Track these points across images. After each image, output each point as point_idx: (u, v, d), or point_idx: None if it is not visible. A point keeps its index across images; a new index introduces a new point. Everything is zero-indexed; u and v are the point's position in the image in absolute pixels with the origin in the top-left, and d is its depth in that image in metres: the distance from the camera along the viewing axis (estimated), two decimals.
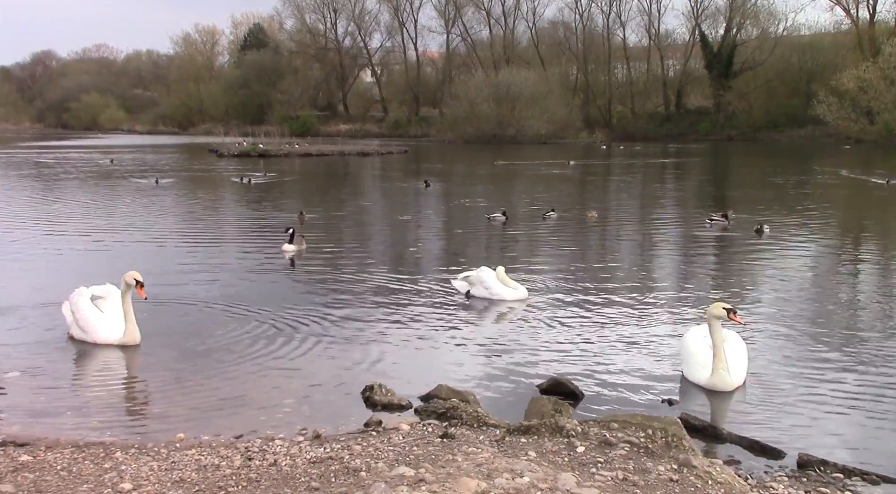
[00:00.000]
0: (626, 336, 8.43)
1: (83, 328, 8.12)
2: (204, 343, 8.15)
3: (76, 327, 8.20)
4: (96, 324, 8.11)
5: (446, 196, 25.02)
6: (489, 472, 4.13)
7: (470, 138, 64.39)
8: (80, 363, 7.60)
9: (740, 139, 64.90)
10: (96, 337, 8.06)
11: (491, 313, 9.42)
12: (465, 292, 10.04)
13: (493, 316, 9.30)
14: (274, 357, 7.87)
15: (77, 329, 8.20)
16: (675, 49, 77.73)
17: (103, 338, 8.05)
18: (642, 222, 18.25)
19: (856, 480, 4.86)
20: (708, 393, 6.64)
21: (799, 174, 31.30)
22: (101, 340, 8.04)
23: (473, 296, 9.99)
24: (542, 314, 9.36)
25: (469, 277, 10.14)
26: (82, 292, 8.35)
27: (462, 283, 10.16)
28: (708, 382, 6.72)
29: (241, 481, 4.49)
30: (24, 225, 17.47)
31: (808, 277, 11.95)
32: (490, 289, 9.87)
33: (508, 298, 9.87)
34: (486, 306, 9.72)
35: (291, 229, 13.89)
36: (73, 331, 8.25)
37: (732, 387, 6.68)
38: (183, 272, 11.86)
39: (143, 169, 35.18)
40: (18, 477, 4.64)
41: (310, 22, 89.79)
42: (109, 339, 8.04)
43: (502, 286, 9.91)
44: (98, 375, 7.29)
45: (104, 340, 8.04)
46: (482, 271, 10.03)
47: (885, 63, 54.47)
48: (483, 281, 9.91)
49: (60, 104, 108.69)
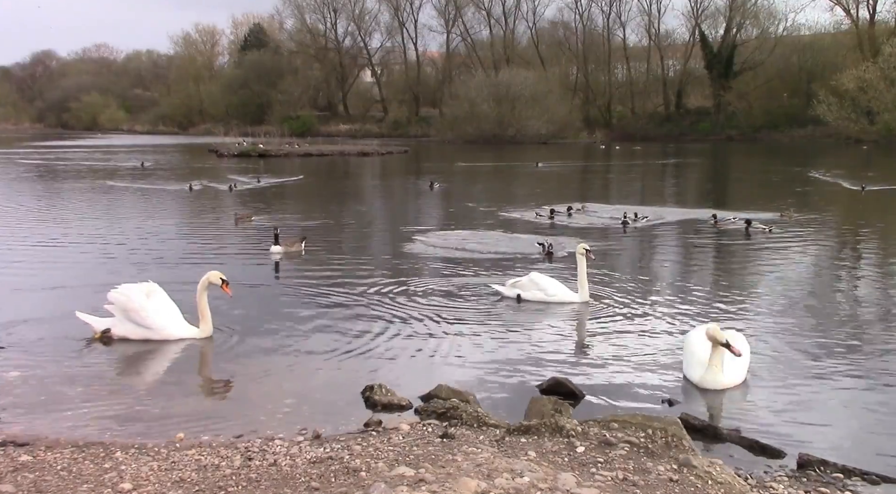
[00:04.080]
0: (626, 336, 8.44)
1: (148, 324, 8.14)
2: (204, 345, 8.16)
3: (128, 323, 8.17)
4: (166, 320, 8.22)
5: (451, 196, 25.10)
6: (489, 472, 4.14)
7: (470, 138, 64.39)
8: (80, 363, 7.57)
9: (740, 139, 64.90)
10: (166, 333, 8.16)
11: (490, 313, 9.41)
12: (516, 297, 9.78)
13: (493, 316, 9.28)
14: (274, 357, 7.88)
15: (130, 326, 8.17)
16: (675, 49, 77.74)
17: (176, 333, 8.18)
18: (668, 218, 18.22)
19: (856, 480, 4.86)
20: (708, 393, 6.64)
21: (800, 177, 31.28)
22: (173, 335, 8.16)
23: (525, 300, 9.73)
24: (541, 314, 9.37)
25: (519, 282, 9.87)
26: (138, 289, 8.33)
27: (511, 289, 9.88)
28: (699, 380, 6.76)
29: (241, 481, 4.49)
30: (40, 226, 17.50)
31: (808, 277, 11.96)
32: (546, 290, 9.68)
33: (567, 300, 9.67)
34: (489, 306, 9.71)
35: (276, 230, 13.76)
36: (122, 329, 8.20)
37: (723, 386, 6.68)
38: (181, 274, 11.87)
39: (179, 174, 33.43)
40: (18, 477, 4.64)
41: (310, 22, 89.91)
42: (183, 334, 8.19)
43: (560, 288, 9.71)
44: (98, 375, 7.26)
45: (177, 335, 8.17)
46: (535, 275, 9.85)
47: (885, 63, 54.49)
48: (538, 284, 9.71)
49: (60, 104, 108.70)
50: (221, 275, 8.41)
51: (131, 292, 8.25)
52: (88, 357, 7.73)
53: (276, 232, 13.67)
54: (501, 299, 9.91)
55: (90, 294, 10.43)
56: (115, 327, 8.25)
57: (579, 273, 9.75)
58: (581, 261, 9.75)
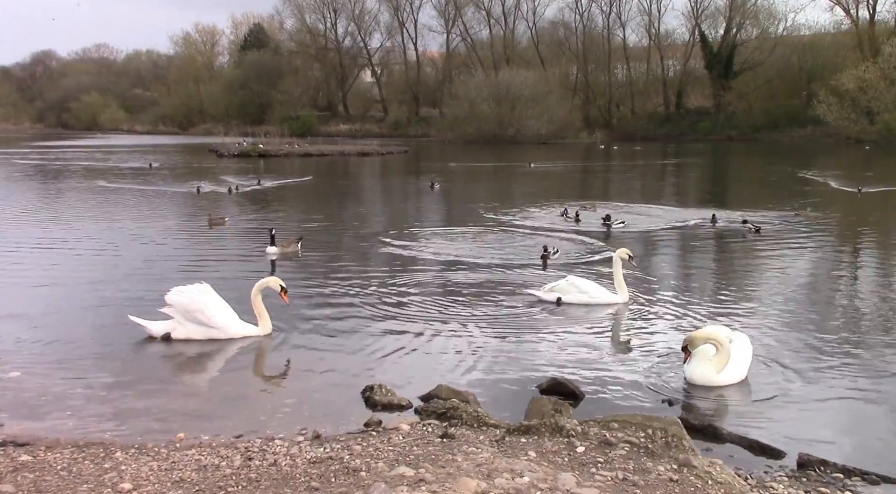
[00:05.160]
0: (626, 336, 8.44)
1: (213, 324, 8.23)
2: (203, 344, 8.16)
3: (190, 324, 8.23)
4: (231, 320, 8.34)
5: (455, 197, 25.06)
6: (489, 472, 4.14)
7: (470, 138, 64.35)
8: (79, 364, 7.57)
9: (740, 139, 64.87)
10: (231, 332, 8.29)
11: (490, 313, 9.40)
12: (556, 300, 9.71)
13: (492, 316, 9.28)
14: (274, 357, 7.89)
15: (193, 327, 8.23)
16: (675, 49, 77.65)
17: (240, 332, 8.32)
18: (639, 221, 18.21)
19: (856, 480, 4.86)
20: (708, 393, 6.64)
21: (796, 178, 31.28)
22: (237, 334, 8.30)
23: (565, 303, 9.66)
24: (541, 313, 9.37)
25: (557, 286, 9.79)
26: (203, 290, 8.39)
27: (549, 293, 9.79)
28: (689, 375, 6.79)
29: (241, 481, 4.49)
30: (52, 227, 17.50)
31: (807, 277, 11.96)
32: (589, 293, 9.65)
33: (609, 301, 9.65)
34: (489, 306, 9.71)
35: (272, 231, 13.69)
36: (183, 330, 8.24)
37: (712, 384, 6.69)
38: (179, 274, 11.87)
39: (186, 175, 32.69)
40: (18, 477, 4.64)
41: (310, 22, 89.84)
42: (246, 332, 8.33)
43: (601, 289, 9.69)
44: (98, 375, 7.26)
45: (241, 333, 8.32)
46: (573, 278, 9.82)
47: (885, 63, 54.43)
48: (578, 287, 9.68)
49: (60, 104, 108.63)
50: (281, 282, 8.59)
51: (194, 293, 8.32)
52: (88, 358, 7.72)
53: (271, 233, 13.62)
54: (540, 303, 9.74)
55: (94, 295, 10.45)
56: (175, 329, 8.27)
57: (615, 275, 9.80)
58: (617, 263, 9.80)
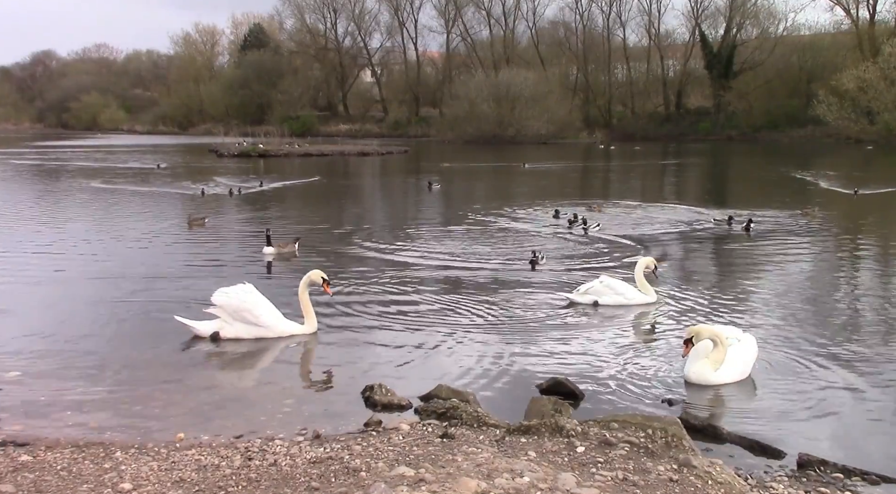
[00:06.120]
0: (626, 336, 8.44)
1: (262, 323, 8.29)
2: (204, 344, 8.16)
3: (238, 324, 8.27)
4: (278, 318, 8.40)
5: (450, 197, 25.06)
6: (489, 472, 4.14)
7: (470, 138, 64.36)
8: (79, 364, 7.57)
9: (740, 139, 64.88)
10: (279, 330, 8.35)
11: (489, 313, 9.40)
12: (593, 303, 9.67)
13: (492, 316, 9.28)
14: (274, 357, 7.89)
15: (241, 326, 8.26)
16: (675, 49, 77.67)
17: (287, 330, 8.39)
18: (638, 220, 18.21)
19: (856, 480, 4.86)
20: (708, 393, 6.64)
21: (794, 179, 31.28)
22: (285, 332, 8.37)
23: (602, 305, 9.63)
24: (540, 314, 9.37)
25: (592, 288, 9.78)
26: (248, 290, 8.42)
27: (585, 296, 9.76)
28: (687, 375, 6.81)
29: (241, 481, 4.49)
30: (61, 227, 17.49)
31: (807, 277, 11.96)
32: (625, 295, 9.67)
33: (643, 302, 9.69)
34: (488, 306, 9.71)
35: (268, 231, 13.65)
36: (231, 330, 8.27)
37: (708, 382, 6.69)
38: (178, 274, 11.88)
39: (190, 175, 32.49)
40: (18, 477, 4.64)
41: (310, 22, 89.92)
42: (294, 331, 8.40)
43: (635, 291, 9.72)
44: (98, 375, 7.26)
45: (288, 332, 8.38)
46: (607, 280, 9.82)
47: (885, 63, 54.42)
48: (615, 288, 9.70)
49: (60, 104, 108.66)
50: (323, 274, 8.63)
51: (240, 294, 8.37)
52: (88, 358, 7.72)
53: (267, 233, 13.57)
54: (570, 305, 9.71)
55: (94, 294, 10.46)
56: (223, 328, 8.31)
57: (638, 277, 9.84)
58: (640, 267, 9.85)
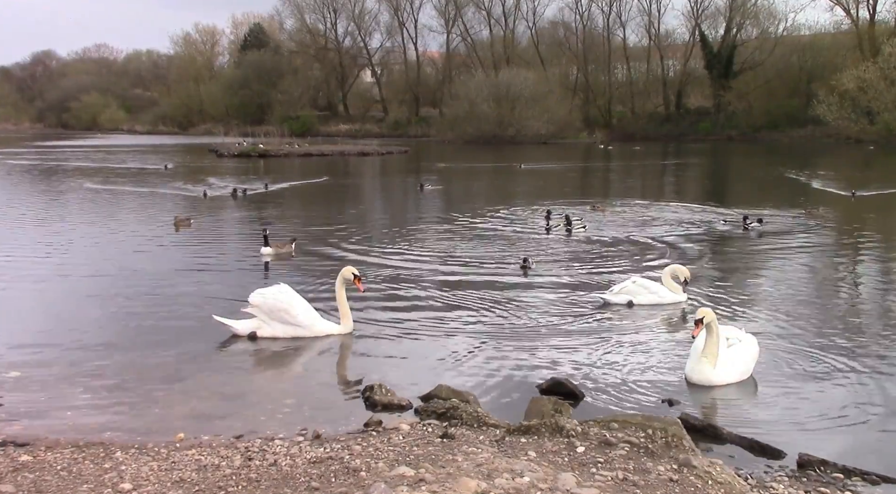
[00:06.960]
0: (626, 336, 8.43)
1: (299, 322, 8.34)
2: (204, 344, 8.16)
3: (275, 323, 8.33)
4: (315, 318, 8.46)
5: (444, 198, 25.08)
6: (489, 472, 4.14)
7: (470, 138, 64.32)
8: (79, 364, 7.57)
9: (740, 139, 64.87)
10: (316, 330, 8.41)
11: (489, 313, 9.40)
12: (627, 303, 9.72)
13: (492, 316, 9.28)
14: (274, 358, 7.89)
15: (278, 326, 8.32)
16: (675, 49, 77.64)
17: (324, 330, 8.45)
18: (638, 220, 18.21)
19: (856, 480, 4.86)
20: (708, 393, 6.64)
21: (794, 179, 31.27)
22: (322, 332, 8.42)
23: (637, 305, 9.69)
24: (540, 313, 9.36)
25: (625, 288, 9.84)
26: (284, 290, 8.48)
27: (619, 295, 9.81)
28: (688, 371, 6.81)
29: (241, 481, 4.49)
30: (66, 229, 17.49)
31: (807, 277, 11.96)
32: (658, 293, 9.78)
33: (674, 301, 9.81)
34: (488, 306, 9.70)
35: (265, 231, 13.61)
36: (269, 329, 8.32)
37: (709, 383, 6.69)
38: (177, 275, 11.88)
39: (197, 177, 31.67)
40: (18, 477, 4.64)
41: (310, 22, 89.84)
42: (330, 330, 8.46)
43: (666, 290, 9.82)
44: (98, 375, 7.26)
45: (325, 331, 8.44)
46: (640, 280, 9.92)
47: (885, 63, 54.40)
48: (648, 288, 9.81)
49: (60, 104, 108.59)
50: (354, 270, 8.67)
51: (277, 294, 8.42)
52: (88, 358, 7.72)
53: (265, 233, 13.52)
54: (606, 306, 9.70)
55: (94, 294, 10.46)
56: (260, 327, 8.36)
57: (664, 278, 9.92)
58: (668, 273, 9.93)
